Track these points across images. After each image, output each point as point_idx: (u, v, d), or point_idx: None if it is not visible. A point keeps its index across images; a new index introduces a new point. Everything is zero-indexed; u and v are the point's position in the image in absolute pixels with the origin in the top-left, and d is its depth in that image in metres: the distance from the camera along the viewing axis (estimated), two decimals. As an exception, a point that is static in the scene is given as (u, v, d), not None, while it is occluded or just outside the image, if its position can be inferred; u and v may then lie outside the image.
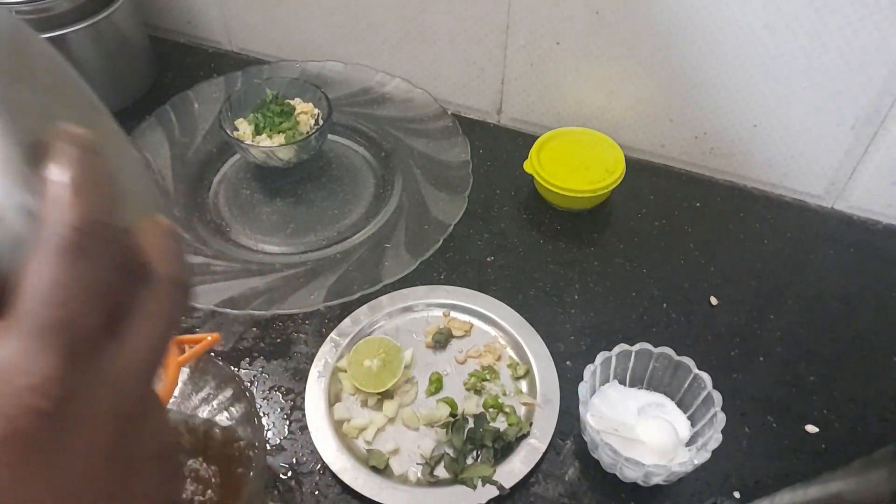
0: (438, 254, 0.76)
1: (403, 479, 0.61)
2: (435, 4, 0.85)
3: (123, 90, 0.94)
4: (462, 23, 0.85)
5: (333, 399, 0.66)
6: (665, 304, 0.73)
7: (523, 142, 0.90)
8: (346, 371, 0.66)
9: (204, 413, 0.61)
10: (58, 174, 0.21)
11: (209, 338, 0.56)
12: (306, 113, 0.86)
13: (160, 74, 1.00)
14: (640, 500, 0.60)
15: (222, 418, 0.60)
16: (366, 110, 0.92)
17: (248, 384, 0.67)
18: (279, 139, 0.83)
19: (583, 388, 0.60)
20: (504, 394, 0.66)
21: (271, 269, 0.75)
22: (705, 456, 0.56)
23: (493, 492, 0.59)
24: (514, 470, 0.60)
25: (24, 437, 0.20)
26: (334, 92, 0.90)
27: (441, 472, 0.61)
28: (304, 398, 0.65)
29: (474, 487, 0.59)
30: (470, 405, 0.64)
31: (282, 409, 0.66)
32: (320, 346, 0.69)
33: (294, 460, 0.62)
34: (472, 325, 0.71)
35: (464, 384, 0.67)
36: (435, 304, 0.72)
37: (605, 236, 0.80)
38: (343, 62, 0.95)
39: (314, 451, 0.62)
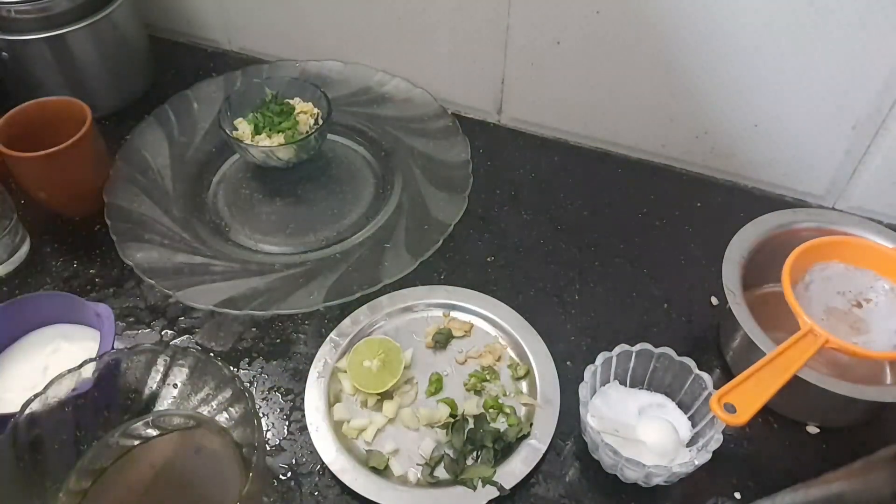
0: (438, 254, 0.75)
1: (403, 480, 0.60)
2: (435, 4, 0.85)
3: (122, 90, 0.94)
4: (462, 22, 0.85)
5: (333, 399, 0.65)
6: (666, 305, 0.73)
7: (523, 142, 0.90)
8: (345, 371, 0.66)
9: (203, 413, 0.61)
10: None
11: None
12: (306, 112, 0.86)
13: (159, 74, 1.00)
14: (641, 501, 0.60)
15: (221, 419, 0.60)
16: (365, 110, 0.92)
17: (248, 385, 0.67)
18: (279, 139, 0.82)
19: (583, 389, 0.60)
20: (504, 394, 0.66)
21: (271, 270, 0.75)
22: (706, 456, 0.56)
23: (493, 493, 0.59)
24: (514, 471, 0.60)
25: None
26: (334, 91, 0.90)
27: (441, 472, 0.61)
28: (303, 399, 0.65)
29: (474, 488, 0.59)
30: (470, 406, 0.64)
31: (281, 409, 0.66)
32: (320, 346, 0.68)
33: (293, 461, 0.62)
34: (472, 326, 0.71)
35: (464, 384, 0.66)
36: (435, 304, 0.72)
37: (605, 236, 0.80)
38: (343, 62, 0.95)
39: (314, 452, 0.62)
